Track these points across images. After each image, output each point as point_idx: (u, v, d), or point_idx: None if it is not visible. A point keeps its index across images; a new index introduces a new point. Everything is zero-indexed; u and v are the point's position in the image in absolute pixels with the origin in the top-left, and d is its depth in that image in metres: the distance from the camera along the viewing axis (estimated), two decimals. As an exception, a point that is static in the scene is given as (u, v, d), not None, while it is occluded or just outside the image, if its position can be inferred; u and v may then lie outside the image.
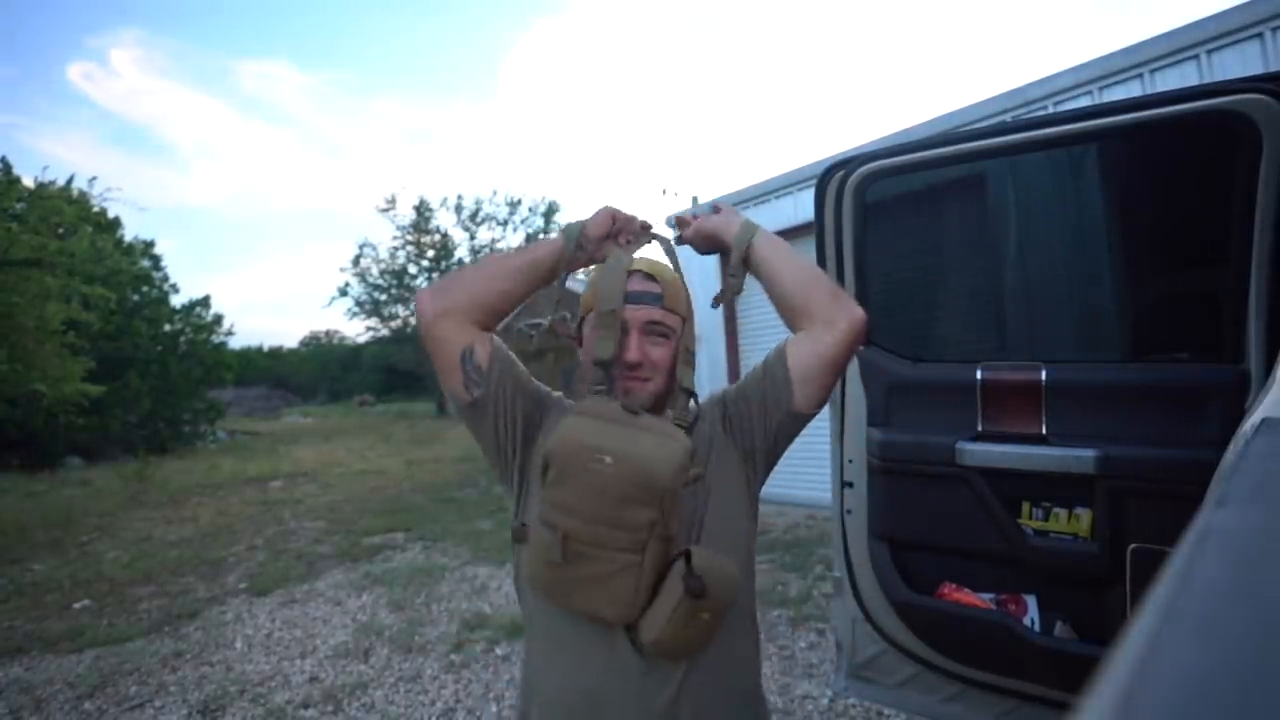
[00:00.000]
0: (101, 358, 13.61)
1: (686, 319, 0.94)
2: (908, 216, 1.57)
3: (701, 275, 6.95)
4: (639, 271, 0.92)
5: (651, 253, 0.99)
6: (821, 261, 1.52)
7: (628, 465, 0.76)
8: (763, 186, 6.20)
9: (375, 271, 29.00)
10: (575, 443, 0.78)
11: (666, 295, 0.91)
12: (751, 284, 0.97)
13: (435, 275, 28.73)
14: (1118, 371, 1.27)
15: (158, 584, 4.57)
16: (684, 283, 0.96)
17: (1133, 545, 1.17)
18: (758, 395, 0.92)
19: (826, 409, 1.64)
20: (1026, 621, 1.28)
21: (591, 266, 1.01)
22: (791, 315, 0.91)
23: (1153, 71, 3.80)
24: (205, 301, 19.30)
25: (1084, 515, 1.25)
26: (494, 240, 29.53)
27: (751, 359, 6.58)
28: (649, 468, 0.76)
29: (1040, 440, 1.27)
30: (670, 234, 1.05)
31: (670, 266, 0.96)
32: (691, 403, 0.93)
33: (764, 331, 6.45)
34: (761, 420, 0.91)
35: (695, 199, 7.99)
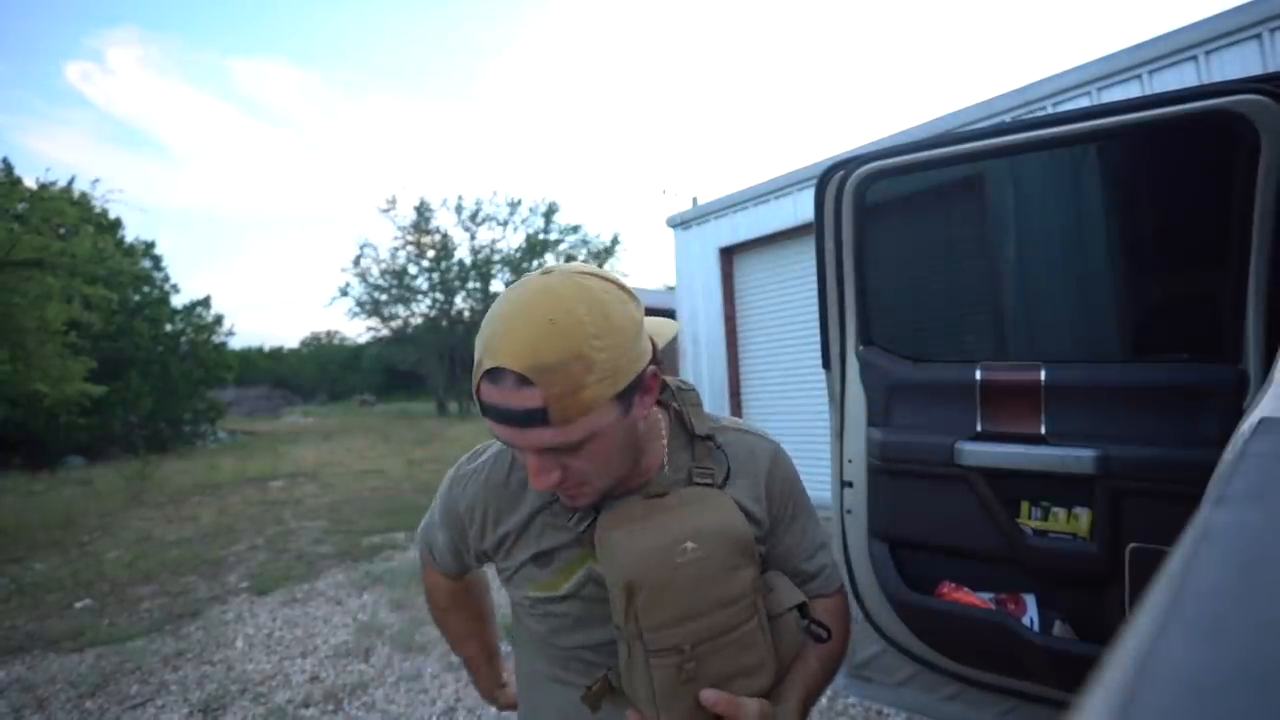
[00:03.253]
0: (103, 358, 13.63)
1: (615, 399, 0.63)
2: (908, 217, 1.57)
3: (704, 274, 6.96)
4: (508, 372, 0.59)
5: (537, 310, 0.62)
6: (821, 262, 1.52)
7: (710, 537, 0.69)
8: (762, 187, 6.20)
9: (376, 272, 29.04)
10: (645, 552, 0.67)
11: (555, 408, 0.59)
12: (751, 283, 0.95)
13: (435, 275, 28.77)
14: (1117, 371, 1.27)
15: (159, 583, 4.57)
16: (608, 339, 0.62)
17: (1132, 545, 1.17)
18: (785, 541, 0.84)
19: (826, 408, 1.64)
20: (1025, 621, 1.28)
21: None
22: None
23: (1152, 72, 3.80)
24: (206, 302, 19.33)
25: (1083, 515, 1.25)
26: (494, 240, 29.54)
27: (751, 360, 6.58)
28: (727, 528, 0.70)
29: (1040, 440, 1.27)
30: (672, 235, 1.01)
31: (570, 336, 0.59)
32: (714, 453, 0.80)
33: (763, 332, 6.46)
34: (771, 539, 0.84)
35: (695, 199, 7.99)
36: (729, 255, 6.69)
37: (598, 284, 0.64)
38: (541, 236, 29.81)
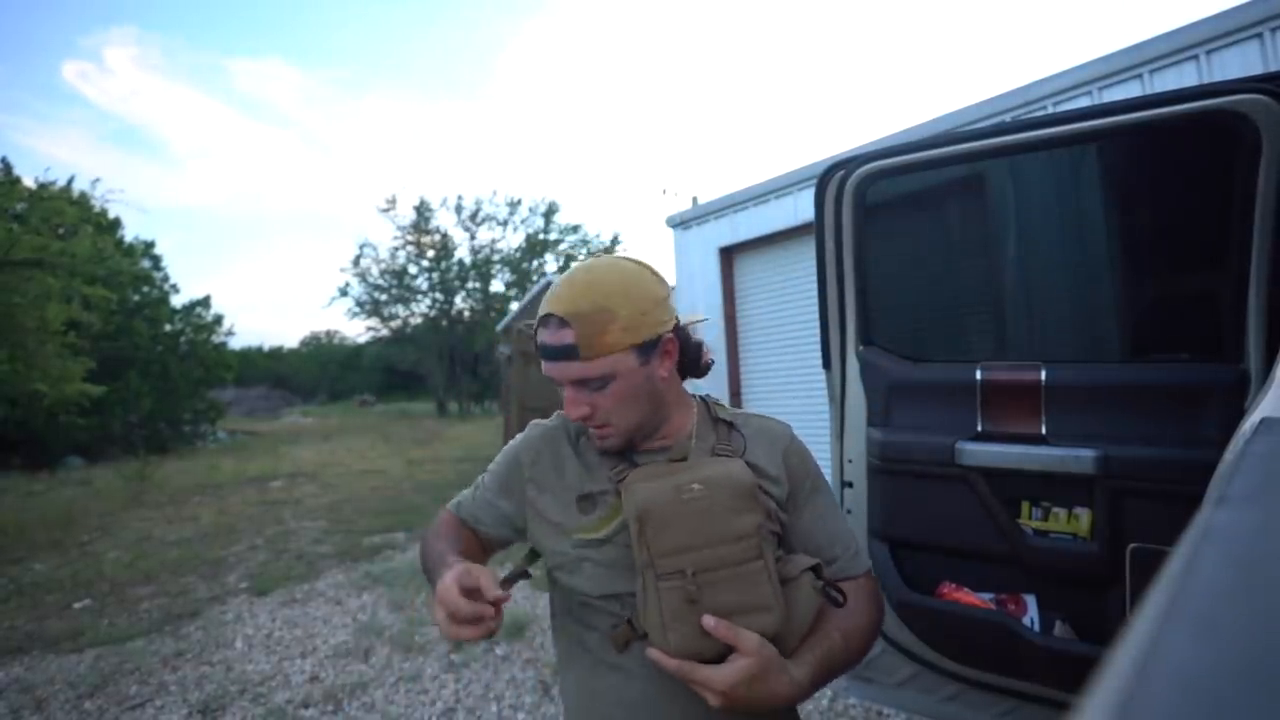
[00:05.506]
0: (102, 358, 13.63)
1: (634, 348, 0.81)
2: (907, 216, 1.57)
3: (704, 274, 6.96)
4: (551, 316, 0.80)
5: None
6: (821, 261, 1.52)
7: (716, 482, 0.79)
8: (762, 187, 6.20)
9: (375, 271, 29.07)
10: (659, 490, 0.78)
11: (583, 345, 0.78)
12: (751, 283, 0.96)
13: (435, 275, 28.79)
14: (1117, 371, 1.27)
15: (158, 584, 4.57)
16: (630, 301, 0.80)
17: (1132, 545, 1.17)
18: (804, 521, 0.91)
19: (826, 408, 1.65)
20: (1026, 621, 1.28)
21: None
22: None
23: (1152, 72, 3.80)
24: (205, 302, 19.34)
25: (1083, 515, 1.25)
26: (494, 240, 29.55)
27: (751, 360, 6.58)
28: (733, 476, 0.80)
29: (1040, 440, 1.27)
30: (672, 235, 1.04)
31: (600, 293, 0.79)
32: (734, 433, 0.91)
33: (763, 332, 6.46)
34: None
35: (695, 199, 7.99)
36: (729, 255, 6.69)
37: (632, 265, 0.85)
38: (541, 236, 29.83)
